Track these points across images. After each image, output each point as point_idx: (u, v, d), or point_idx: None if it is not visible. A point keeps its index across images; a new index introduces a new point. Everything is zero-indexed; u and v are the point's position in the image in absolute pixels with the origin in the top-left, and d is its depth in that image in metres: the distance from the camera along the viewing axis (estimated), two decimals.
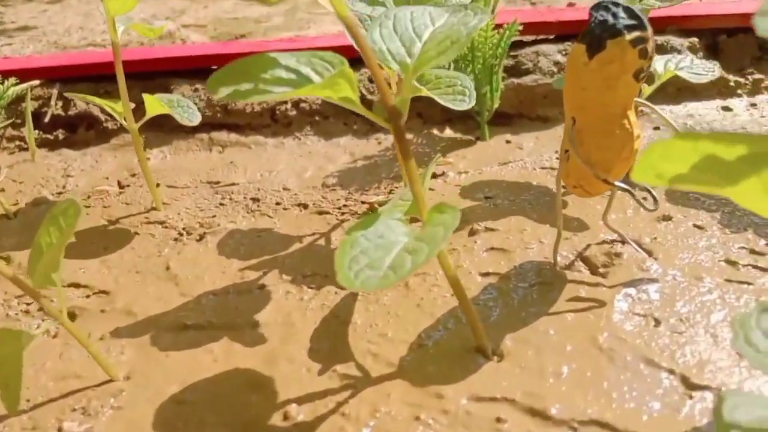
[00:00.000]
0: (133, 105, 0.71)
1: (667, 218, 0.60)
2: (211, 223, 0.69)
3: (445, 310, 0.51)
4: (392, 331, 0.49)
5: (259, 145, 0.85)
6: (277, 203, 0.72)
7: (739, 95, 0.85)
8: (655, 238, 0.57)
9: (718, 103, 0.84)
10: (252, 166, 0.81)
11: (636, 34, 0.44)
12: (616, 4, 0.45)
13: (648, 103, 0.51)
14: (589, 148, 0.48)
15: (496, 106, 0.82)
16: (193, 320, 0.54)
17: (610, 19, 0.44)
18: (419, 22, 0.45)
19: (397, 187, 0.72)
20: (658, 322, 0.47)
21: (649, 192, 0.50)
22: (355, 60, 0.48)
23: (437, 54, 0.42)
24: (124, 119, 0.69)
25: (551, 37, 0.92)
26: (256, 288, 0.57)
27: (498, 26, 0.81)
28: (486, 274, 0.54)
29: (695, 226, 0.59)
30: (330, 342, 0.49)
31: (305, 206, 0.70)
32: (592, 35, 0.45)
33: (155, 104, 0.67)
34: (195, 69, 0.91)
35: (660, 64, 0.69)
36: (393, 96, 0.43)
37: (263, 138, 0.86)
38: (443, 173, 0.74)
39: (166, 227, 0.69)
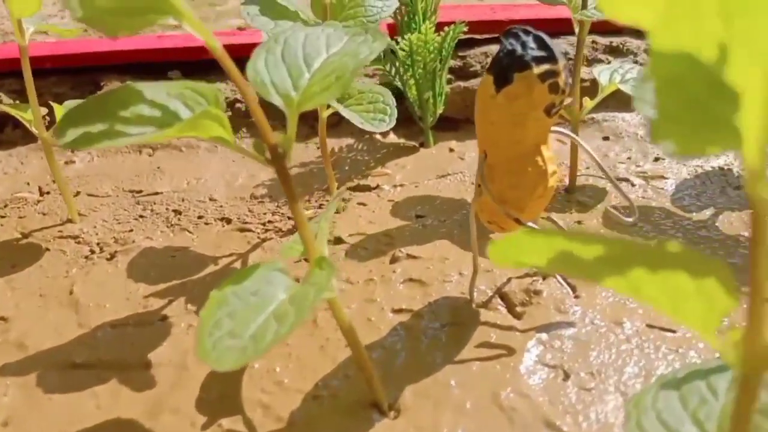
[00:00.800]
0: (44, 111, 0.66)
1: None
2: (126, 239, 0.65)
3: (349, 353, 0.47)
4: (289, 378, 0.46)
5: (190, 148, 0.81)
6: (200, 216, 0.68)
7: None
8: None
9: None
10: (180, 172, 0.76)
11: (545, 67, 0.40)
12: (527, 32, 0.41)
13: (568, 133, 0.47)
14: (500, 186, 0.44)
15: (440, 111, 0.78)
16: (83, 357, 0.50)
17: (519, 50, 0.40)
18: (312, 48, 0.41)
19: (328, 200, 0.68)
20: (567, 376, 0.44)
21: None
22: None
23: (321, 90, 0.38)
24: (34, 127, 0.65)
25: None
26: (157, 320, 0.54)
27: (444, 24, 0.77)
28: (399, 311, 0.51)
29: None
30: (221, 389, 0.46)
31: (228, 221, 0.66)
32: (499, 66, 0.41)
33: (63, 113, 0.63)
34: (126, 64, 0.86)
35: (605, 75, 0.65)
36: (275, 134, 0.38)
37: (196, 140, 0.82)
38: (377, 186, 0.70)
39: (78, 242, 0.65)
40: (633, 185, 0.66)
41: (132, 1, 0.34)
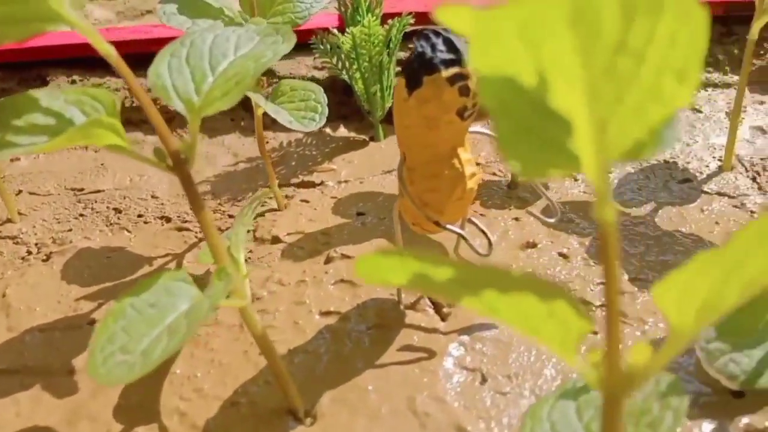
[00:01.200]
0: None
1: (532, 245, 0.56)
2: (64, 240, 0.64)
3: None
4: (209, 385, 0.46)
5: (136, 144, 0.80)
6: (140, 215, 0.67)
7: None
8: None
9: None
10: (123, 169, 0.75)
11: (454, 70, 0.39)
12: (438, 34, 0.40)
13: (489, 133, 0.47)
14: (419, 189, 0.44)
15: (389, 105, 0.77)
16: (8, 363, 0.50)
17: (428, 52, 0.39)
18: (220, 50, 0.40)
19: (270, 198, 0.68)
20: (484, 380, 0.43)
21: (485, 234, 0.46)
22: None
23: (221, 95, 0.37)
24: None
25: None
26: (86, 323, 0.53)
27: (394, 15, 0.76)
28: (327, 313, 0.51)
29: (560, 254, 0.55)
30: (140, 396, 0.46)
31: (168, 219, 0.66)
32: (409, 69, 0.40)
33: None
34: (72, 58, 0.84)
35: None
36: (177, 140, 0.38)
37: (142, 135, 0.81)
38: (322, 182, 0.70)
39: (17, 243, 0.64)
40: (576, 180, 0.66)
41: (14, 10, 0.33)
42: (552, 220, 0.47)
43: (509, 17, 0.16)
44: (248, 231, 0.63)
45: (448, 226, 0.44)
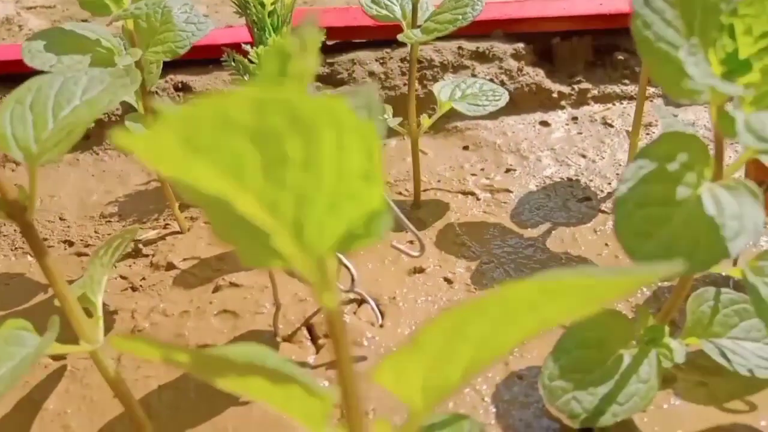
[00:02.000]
0: None
1: (419, 270, 0.57)
2: None
3: (141, 394, 0.47)
4: (77, 422, 0.46)
5: (51, 161, 0.79)
6: (44, 239, 0.67)
7: (563, 107, 0.80)
8: (394, 298, 0.54)
9: (539, 116, 0.79)
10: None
11: None
12: None
13: None
14: None
15: None
16: None
17: None
18: (65, 95, 0.40)
19: (173, 220, 0.68)
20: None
21: (349, 270, 0.47)
22: None
23: (54, 144, 0.37)
24: None
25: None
26: None
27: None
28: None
29: (445, 279, 0.56)
30: None
31: (71, 243, 0.66)
32: None
33: None
34: None
35: (446, 91, 0.65)
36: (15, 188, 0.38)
37: None
38: None
39: None
40: (478, 199, 0.67)
41: None
42: (416, 254, 0.47)
43: (143, 143, 0.16)
44: (146, 256, 0.63)
45: None
